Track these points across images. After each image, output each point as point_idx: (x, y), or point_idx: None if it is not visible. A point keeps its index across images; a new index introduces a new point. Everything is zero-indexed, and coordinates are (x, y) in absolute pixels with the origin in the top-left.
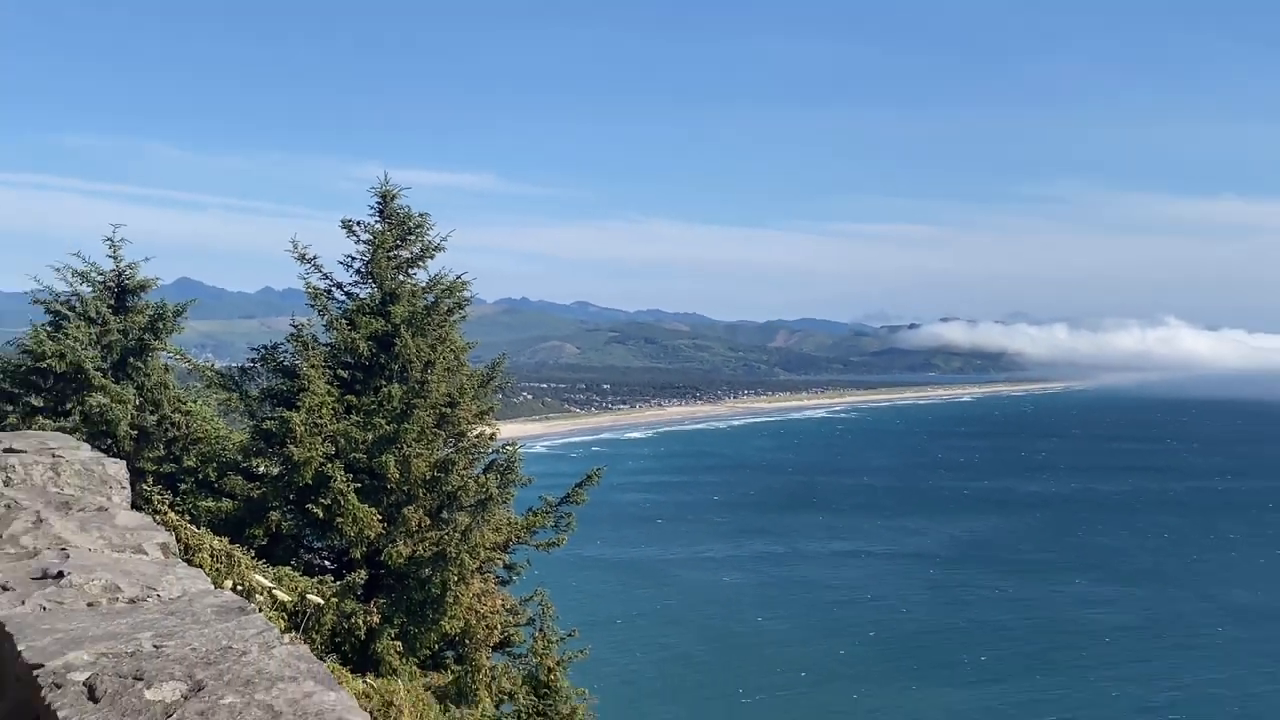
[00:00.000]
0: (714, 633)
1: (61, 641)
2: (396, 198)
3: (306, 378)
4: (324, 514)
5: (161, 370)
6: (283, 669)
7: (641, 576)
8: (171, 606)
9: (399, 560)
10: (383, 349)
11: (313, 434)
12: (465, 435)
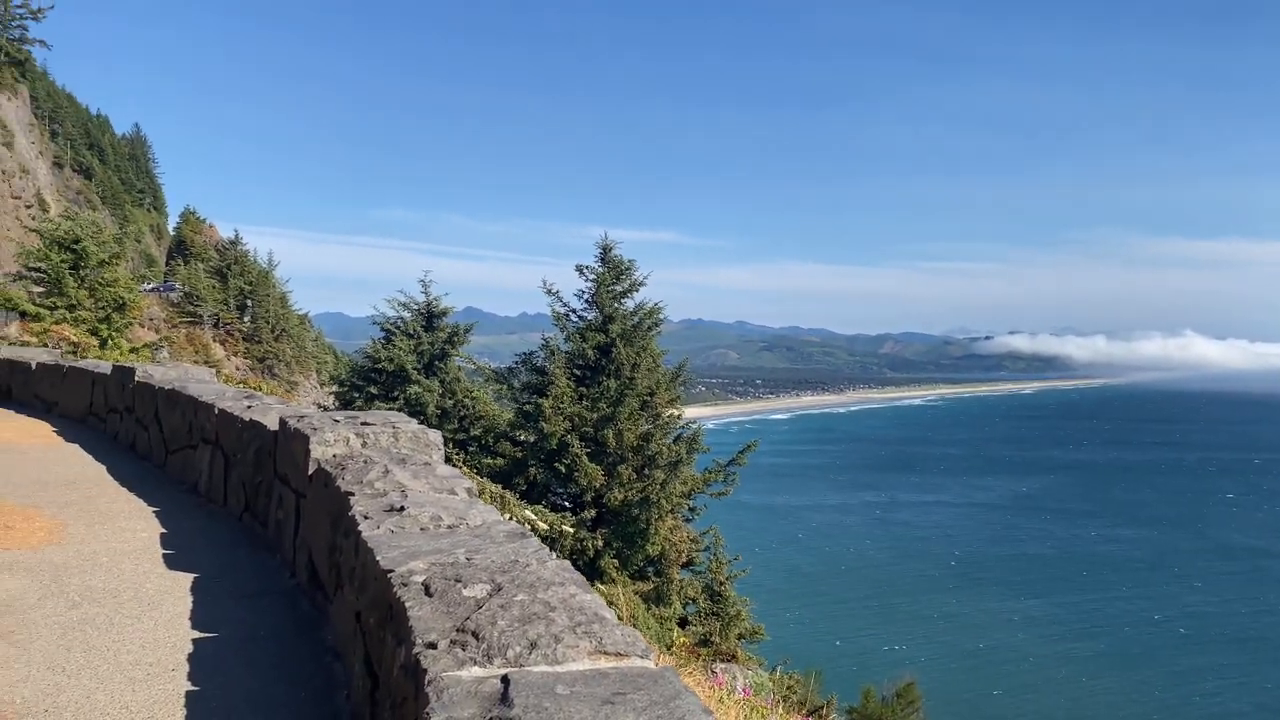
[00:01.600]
0: (831, 557)
1: (404, 554)
2: (613, 249)
3: (553, 375)
4: (565, 470)
5: (456, 369)
6: (554, 576)
7: (779, 517)
8: (476, 532)
9: (616, 502)
10: (603, 355)
11: (557, 414)
12: (660, 416)
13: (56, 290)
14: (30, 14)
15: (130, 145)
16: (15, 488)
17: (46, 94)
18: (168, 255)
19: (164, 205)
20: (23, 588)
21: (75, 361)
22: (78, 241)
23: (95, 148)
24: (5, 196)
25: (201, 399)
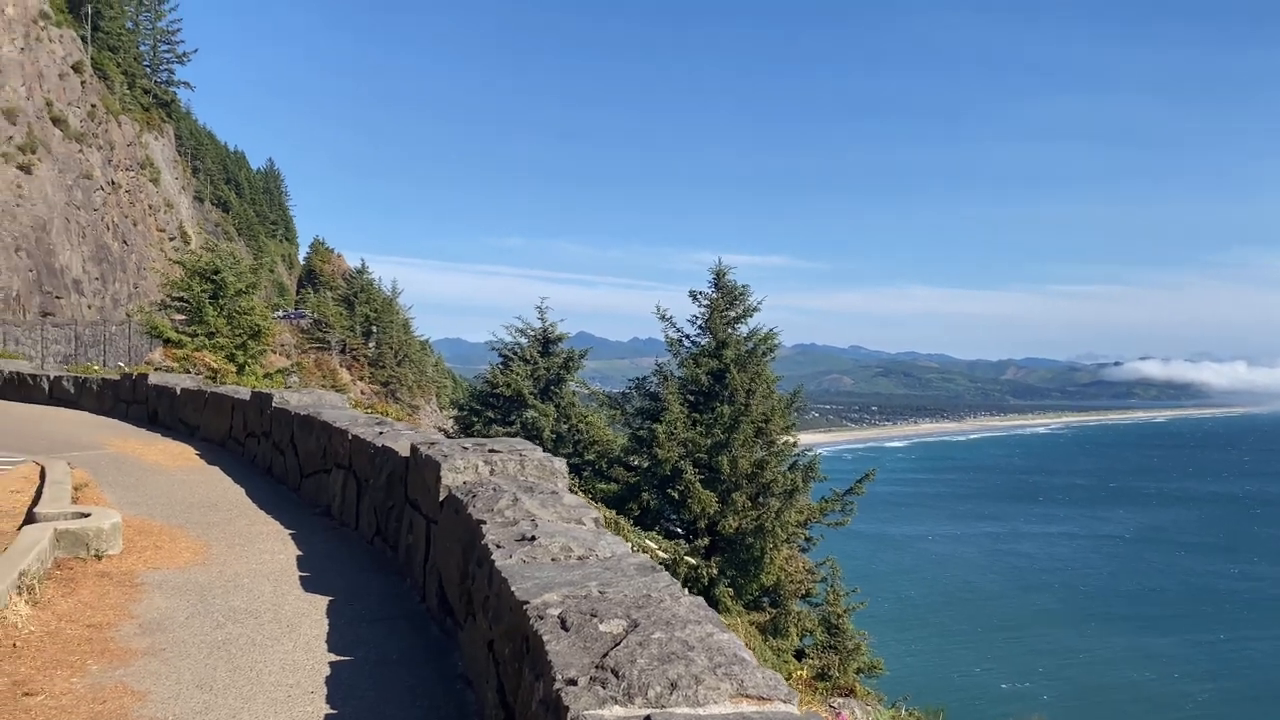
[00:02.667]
0: (947, 589)
1: (538, 585)
2: (726, 274)
3: (666, 401)
4: (678, 496)
5: (571, 394)
6: (689, 613)
7: (893, 546)
8: (606, 564)
9: (730, 530)
10: (717, 381)
11: (671, 440)
12: (775, 443)
13: (197, 318)
14: (177, 58)
15: (264, 179)
16: (163, 508)
17: (189, 132)
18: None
19: (295, 236)
20: (172, 606)
21: (216, 387)
22: (217, 272)
23: (232, 182)
24: (151, 229)
25: (336, 424)
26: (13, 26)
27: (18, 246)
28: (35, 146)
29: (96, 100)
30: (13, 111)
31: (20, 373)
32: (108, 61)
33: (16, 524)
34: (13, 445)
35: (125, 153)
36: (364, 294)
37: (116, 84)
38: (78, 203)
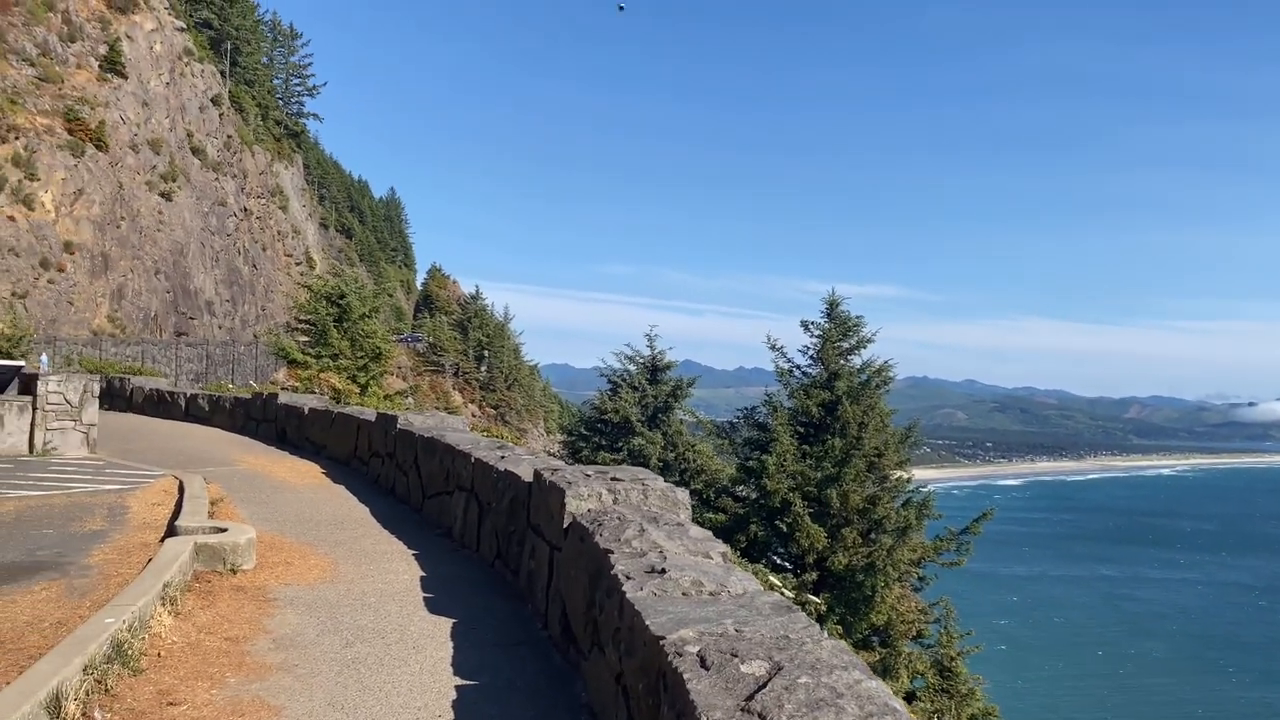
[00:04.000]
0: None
1: (673, 620)
2: (839, 304)
3: (775, 432)
4: (787, 529)
5: (678, 423)
6: (833, 658)
7: (1003, 586)
8: (740, 601)
9: (840, 566)
10: (828, 413)
11: (780, 471)
12: (888, 478)
13: (322, 340)
14: (307, 91)
15: (386, 207)
16: (292, 525)
17: (317, 162)
18: (415, 308)
19: (413, 262)
20: (304, 623)
21: (342, 407)
22: (342, 296)
23: (356, 210)
24: (279, 254)
25: (459, 448)
26: (160, 63)
27: (157, 269)
28: (176, 175)
29: (232, 131)
30: (157, 142)
31: (160, 390)
32: (244, 95)
33: (158, 536)
34: (152, 459)
35: (257, 181)
36: (477, 319)
37: (251, 116)
38: (212, 228)
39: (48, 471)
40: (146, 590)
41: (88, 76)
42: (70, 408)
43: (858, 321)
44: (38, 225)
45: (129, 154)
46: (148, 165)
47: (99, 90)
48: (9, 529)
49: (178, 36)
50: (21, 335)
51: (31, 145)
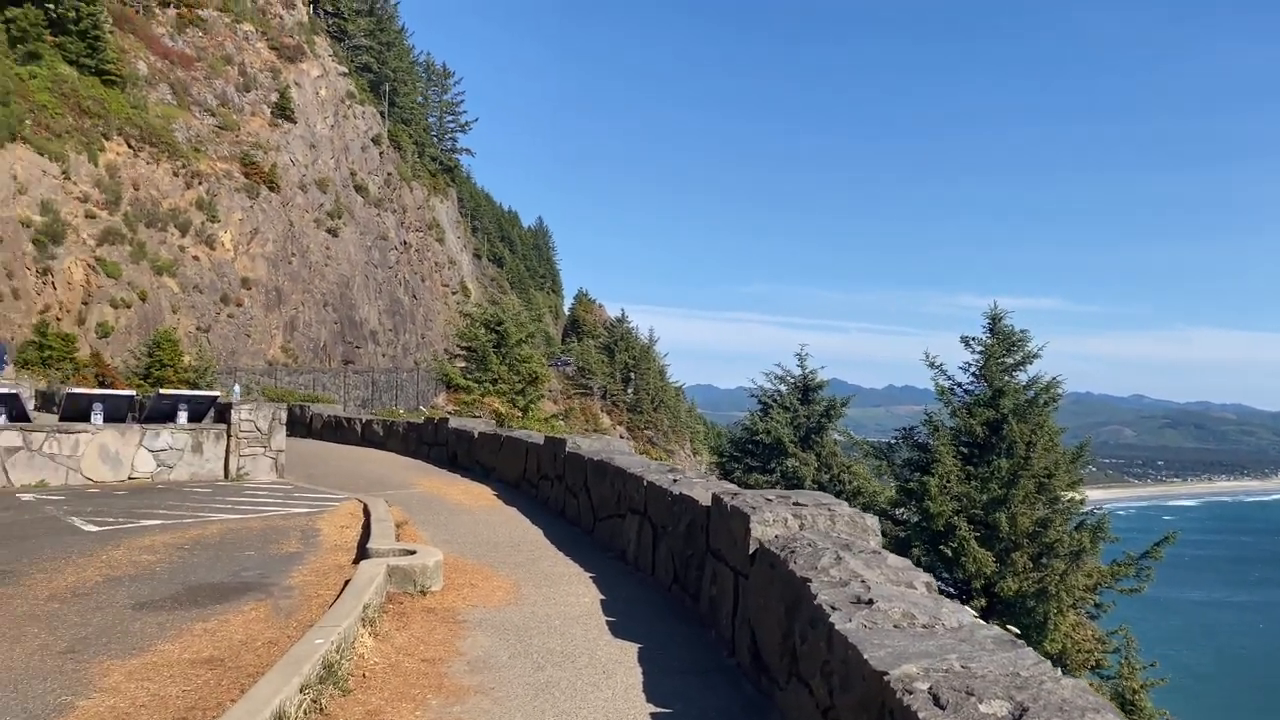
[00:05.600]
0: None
1: (892, 655)
2: (1002, 319)
3: (937, 452)
4: (951, 553)
5: (832, 443)
6: (1078, 698)
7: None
8: (958, 635)
9: (1009, 593)
10: (993, 432)
11: (943, 494)
12: (1059, 500)
13: (482, 365)
14: (460, 127)
15: (534, 236)
16: (472, 547)
17: (469, 195)
18: (563, 333)
19: (561, 288)
20: (494, 645)
21: (510, 431)
22: (500, 323)
23: (506, 239)
24: (437, 285)
25: (629, 470)
26: (325, 107)
27: (325, 302)
28: (341, 212)
29: (392, 169)
30: (324, 182)
31: (337, 416)
32: (401, 133)
33: (350, 558)
34: (335, 483)
35: (415, 215)
36: (623, 342)
37: (408, 153)
38: (375, 261)
39: (242, 496)
40: (348, 612)
41: (261, 123)
42: (260, 435)
43: (1022, 336)
44: (218, 263)
45: (298, 194)
46: (315, 204)
47: (271, 135)
48: (215, 551)
49: (341, 81)
50: (206, 366)
51: (212, 189)
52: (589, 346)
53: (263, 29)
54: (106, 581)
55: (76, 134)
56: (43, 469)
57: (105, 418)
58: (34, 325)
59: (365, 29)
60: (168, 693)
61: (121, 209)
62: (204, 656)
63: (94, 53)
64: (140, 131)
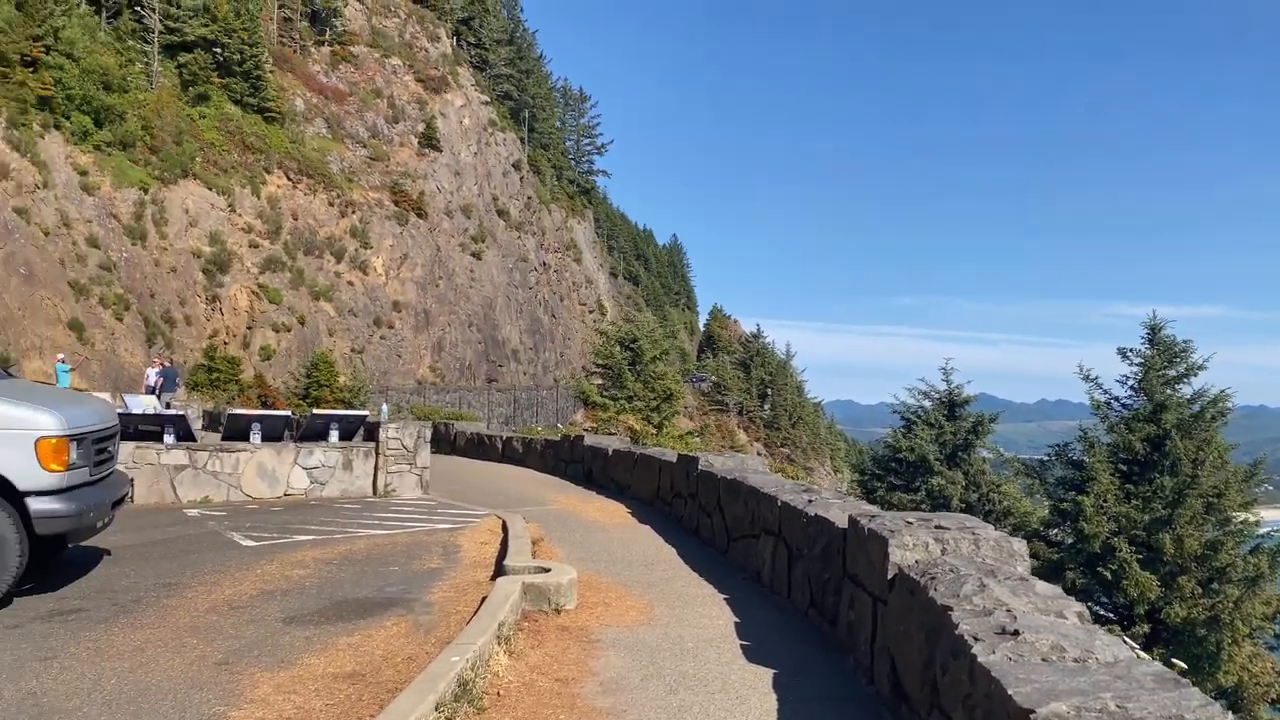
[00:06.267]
0: None
1: (1039, 692)
2: (1162, 329)
3: (1093, 470)
4: (1110, 576)
5: (980, 460)
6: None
7: None
8: (1114, 671)
9: (1176, 620)
10: (1154, 449)
11: (1100, 514)
12: (1230, 521)
13: (617, 383)
14: (596, 149)
15: (669, 254)
16: (606, 565)
17: (606, 215)
18: (698, 349)
19: (695, 304)
20: (626, 666)
21: (644, 449)
22: (635, 340)
23: (642, 258)
24: (574, 304)
25: (763, 490)
26: (468, 135)
27: (470, 322)
28: (484, 236)
29: (531, 192)
30: (469, 207)
31: (479, 434)
32: (540, 157)
33: (488, 574)
34: (476, 500)
35: (554, 237)
36: (759, 358)
37: (547, 177)
38: (516, 282)
39: (389, 512)
40: (484, 629)
41: (409, 152)
42: (406, 452)
43: (1185, 347)
44: (371, 288)
45: (444, 219)
46: (460, 229)
47: (418, 164)
48: (362, 566)
49: (483, 110)
50: (360, 386)
51: (365, 217)
52: (724, 362)
53: (410, 62)
54: (260, 595)
55: (241, 169)
56: (206, 486)
57: (263, 437)
58: (203, 349)
59: (505, 58)
60: (311, 706)
61: (282, 238)
62: (346, 671)
63: (256, 92)
64: (298, 164)
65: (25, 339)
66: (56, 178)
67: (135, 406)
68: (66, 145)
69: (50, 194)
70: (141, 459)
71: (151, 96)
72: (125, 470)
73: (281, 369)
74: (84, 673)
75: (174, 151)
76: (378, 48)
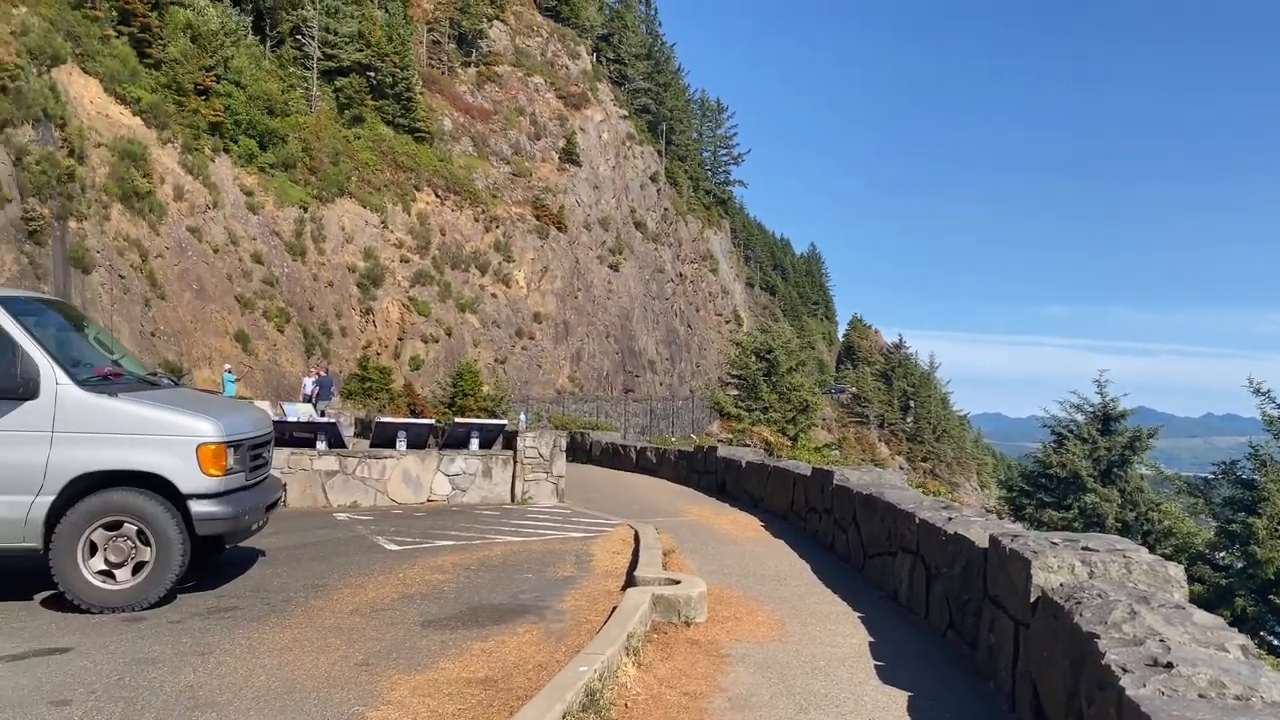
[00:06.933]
0: None
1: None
2: None
3: (1265, 490)
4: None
5: (1138, 478)
6: None
7: None
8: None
9: None
10: None
11: (1273, 537)
12: None
13: (753, 394)
14: (732, 159)
15: (807, 263)
16: (737, 579)
17: (742, 225)
18: (837, 360)
19: (834, 314)
20: (756, 683)
21: (778, 461)
22: (770, 351)
23: (779, 267)
24: (710, 314)
25: (900, 506)
26: (607, 149)
27: (607, 333)
28: (621, 248)
29: (668, 204)
30: (606, 220)
31: (614, 443)
32: (677, 169)
33: (619, 584)
34: (609, 509)
35: (690, 248)
36: (901, 369)
37: (684, 188)
38: (653, 293)
39: (525, 519)
40: (613, 640)
41: (550, 168)
42: (543, 460)
43: None
44: (513, 300)
45: (583, 232)
46: (598, 241)
47: (559, 179)
48: (498, 572)
49: (621, 124)
50: (502, 395)
51: (508, 232)
52: (864, 374)
53: (551, 80)
54: (401, 599)
55: (393, 187)
56: (355, 491)
57: (408, 444)
58: (358, 359)
59: (643, 72)
60: (445, 710)
61: (430, 253)
62: (479, 676)
63: (407, 113)
64: (446, 182)
65: (196, 349)
66: (225, 198)
67: (292, 414)
68: (234, 168)
69: (220, 214)
70: (296, 464)
71: (311, 120)
72: (280, 475)
73: (429, 379)
74: (236, 668)
75: (331, 172)
76: (521, 67)
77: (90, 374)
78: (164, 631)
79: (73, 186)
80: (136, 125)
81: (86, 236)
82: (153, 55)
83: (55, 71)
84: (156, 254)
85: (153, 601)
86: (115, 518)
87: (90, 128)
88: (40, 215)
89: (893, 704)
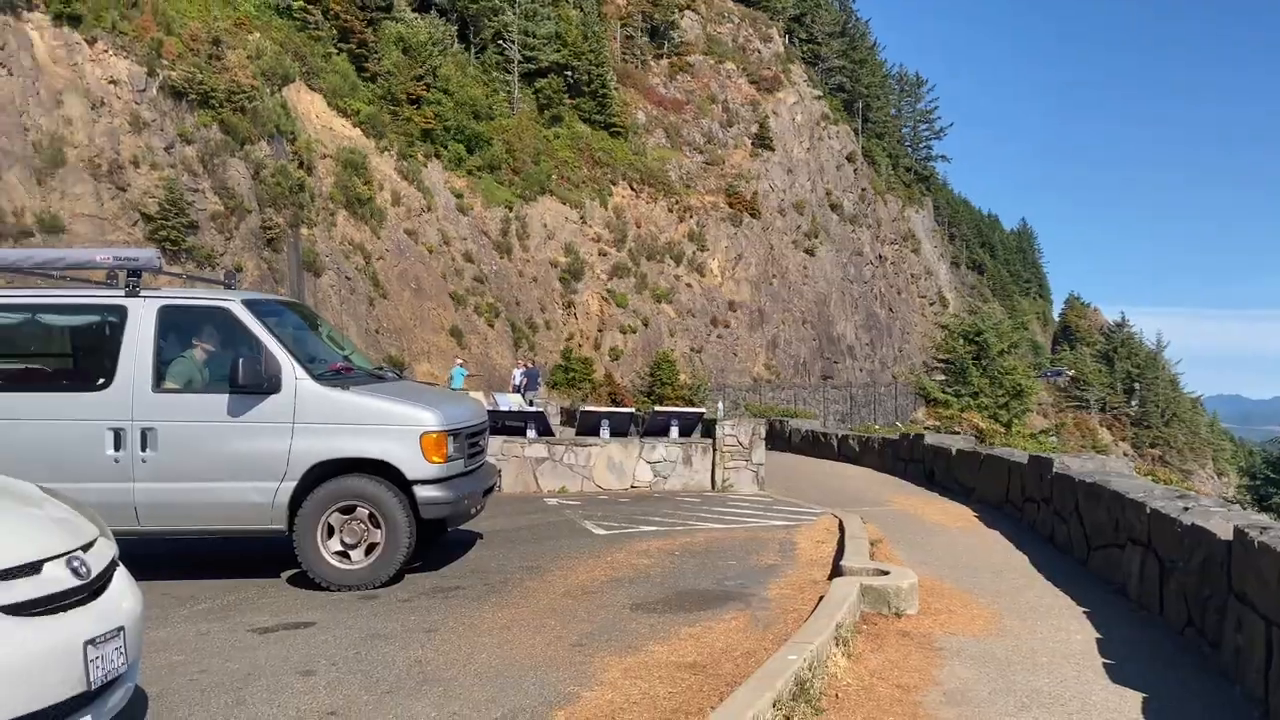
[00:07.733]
0: None
1: None
2: None
3: None
4: None
5: None
6: None
7: None
8: None
9: None
10: None
11: None
12: None
13: (961, 379)
14: (934, 134)
15: (1018, 239)
16: (949, 570)
17: (946, 202)
18: (1053, 341)
19: (1048, 293)
20: (973, 677)
21: (991, 449)
22: (979, 334)
23: (986, 245)
24: (913, 296)
25: (1129, 495)
26: (800, 132)
27: (804, 319)
28: (817, 232)
29: (866, 184)
30: (800, 204)
31: (814, 431)
32: (875, 147)
33: (825, 574)
34: (811, 498)
35: (890, 228)
36: (1124, 349)
37: (882, 167)
38: (850, 277)
39: (726, 506)
40: (821, 629)
41: (743, 154)
42: (742, 448)
43: None
44: (708, 289)
45: (777, 218)
46: (793, 226)
47: (751, 165)
48: (701, 558)
49: (815, 105)
50: (699, 384)
51: (701, 220)
52: (1083, 355)
53: (742, 65)
54: (609, 581)
55: (590, 183)
56: (563, 477)
57: (611, 432)
58: (561, 351)
59: (837, 50)
60: (656, 692)
61: (627, 245)
62: (688, 661)
63: (602, 109)
64: (640, 175)
65: (416, 345)
66: (438, 201)
67: (504, 404)
68: (444, 172)
69: (433, 216)
70: (508, 452)
71: (513, 122)
72: (494, 462)
73: (629, 368)
74: (459, 645)
75: (533, 171)
76: (712, 54)
77: (325, 369)
78: (394, 609)
79: (303, 196)
80: (357, 136)
81: (316, 242)
82: (369, 69)
83: (285, 90)
84: (378, 256)
85: (384, 580)
86: (349, 502)
87: (317, 140)
88: (276, 224)
89: (1125, 705)
